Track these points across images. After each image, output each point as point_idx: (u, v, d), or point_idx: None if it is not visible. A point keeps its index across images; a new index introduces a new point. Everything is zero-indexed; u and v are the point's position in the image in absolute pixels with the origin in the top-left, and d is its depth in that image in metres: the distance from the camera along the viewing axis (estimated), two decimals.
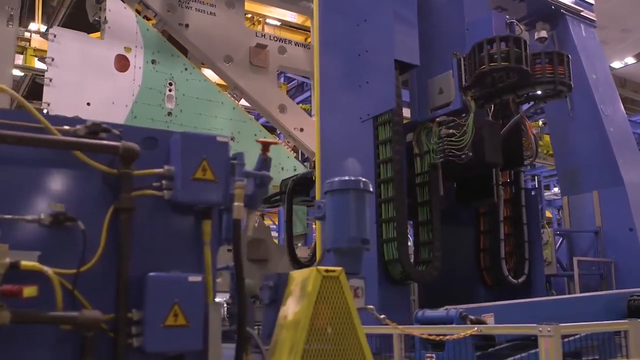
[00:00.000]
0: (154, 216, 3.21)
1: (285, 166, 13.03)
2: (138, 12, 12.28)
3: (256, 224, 13.07)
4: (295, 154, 13.74)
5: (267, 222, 28.53)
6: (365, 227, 3.97)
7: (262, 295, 3.74)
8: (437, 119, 9.04)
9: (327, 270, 3.45)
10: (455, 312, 5.65)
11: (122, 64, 11.74)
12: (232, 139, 11.25)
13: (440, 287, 10.16)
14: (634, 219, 12.84)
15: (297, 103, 19.90)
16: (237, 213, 3.23)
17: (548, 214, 26.24)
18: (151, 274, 3.02)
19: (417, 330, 5.54)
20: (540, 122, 22.34)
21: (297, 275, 3.58)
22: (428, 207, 9.09)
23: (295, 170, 12.92)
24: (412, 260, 9.19)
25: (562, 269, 13.61)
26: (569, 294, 12.71)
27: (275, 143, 3.65)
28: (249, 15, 19.21)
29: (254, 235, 12.50)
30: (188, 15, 12.50)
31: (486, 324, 5.80)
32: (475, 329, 5.05)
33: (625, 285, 11.57)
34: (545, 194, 25.49)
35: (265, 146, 3.54)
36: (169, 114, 11.97)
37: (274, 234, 24.65)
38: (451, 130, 8.83)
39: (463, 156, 8.64)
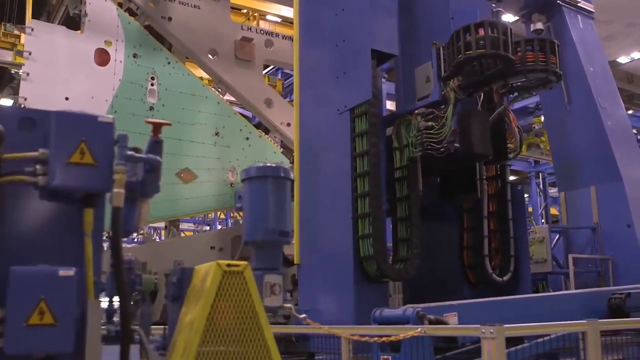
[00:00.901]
0: (27, 204, 2.92)
1: (271, 162, 12.72)
2: (120, 5, 12.03)
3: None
4: (282, 149, 13.44)
5: None
6: (285, 218, 3.65)
7: (167, 292, 3.45)
8: (416, 111, 8.70)
9: (229, 265, 3.14)
10: (412, 311, 5.30)
11: (102, 57, 11.50)
12: (216, 134, 10.95)
13: (425, 286, 9.84)
14: (632, 215, 12.50)
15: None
16: (116, 200, 2.93)
17: (554, 211, 25.81)
18: (14, 267, 2.73)
19: (347, 331, 5.20)
20: (543, 118, 21.96)
21: (201, 269, 3.28)
22: (407, 203, 8.75)
23: None
24: (391, 257, 8.86)
25: (558, 266, 13.28)
26: None
27: (167, 124, 3.32)
28: (244, 11, 19.01)
29: (239, 232, 12.21)
30: (171, 8, 12.23)
31: (447, 324, 5.45)
32: (419, 330, 4.71)
33: (623, 282, 11.25)
34: (550, 191, 25.07)
35: (156, 128, 3.24)
36: (151, 108, 11.72)
37: None
38: (430, 123, 8.48)
39: (442, 149, 8.30)
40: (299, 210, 9.55)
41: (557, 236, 13.77)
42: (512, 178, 30.95)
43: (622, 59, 23.73)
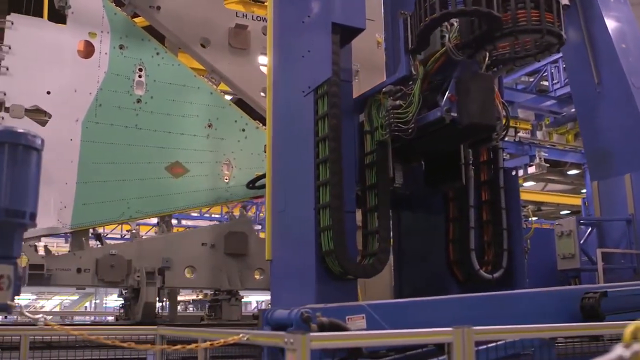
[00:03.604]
0: None
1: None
2: None
3: (237, 216, 12.18)
4: None
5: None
6: (25, 196, 2.93)
7: None
8: (383, 89, 7.83)
9: None
10: (296, 312, 4.45)
11: (86, 50, 11.12)
12: (209, 126, 10.30)
13: (415, 284, 9.03)
14: None
15: None
16: None
17: None
18: None
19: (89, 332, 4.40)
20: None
21: None
22: (376, 191, 7.89)
23: None
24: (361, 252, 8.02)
25: (590, 262, 12.18)
26: None
27: None
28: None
29: (233, 228, 11.62)
30: None
31: (346, 329, 4.55)
32: (240, 336, 3.87)
33: None
34: None
35: None
36: (138, 100, 11.25)
37: None
38: (398, 102, 7.60)
39: (410, 130, 7.39)
40: (271, 202, 8.85)
41: (589, 229, 12.64)
42: (573, 172, 29.29)
43: None
